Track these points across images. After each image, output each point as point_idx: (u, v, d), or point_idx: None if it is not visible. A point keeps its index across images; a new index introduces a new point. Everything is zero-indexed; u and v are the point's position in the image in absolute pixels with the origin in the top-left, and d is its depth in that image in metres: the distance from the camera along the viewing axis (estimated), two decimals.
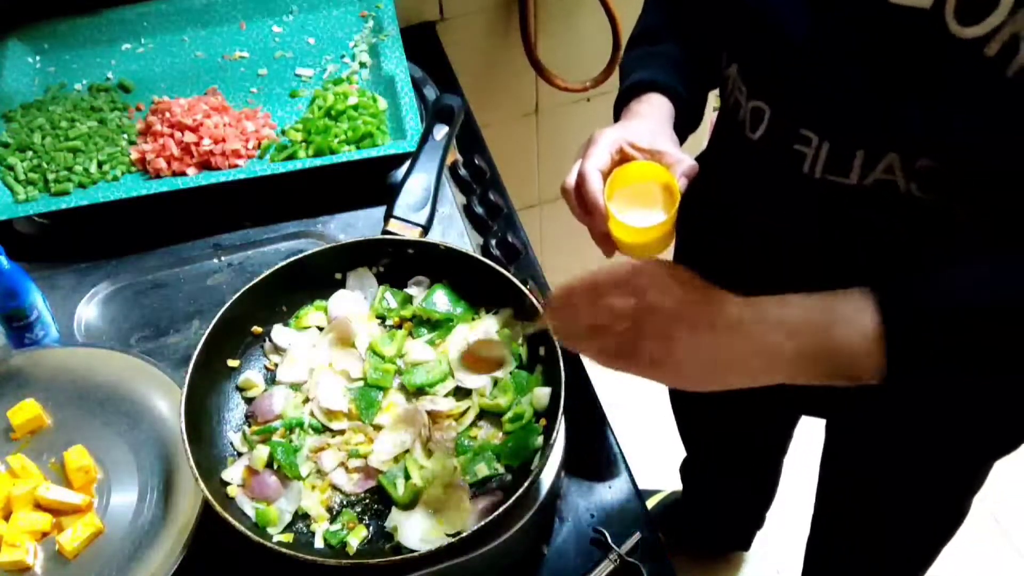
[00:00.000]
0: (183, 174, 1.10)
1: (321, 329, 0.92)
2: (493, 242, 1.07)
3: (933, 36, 0.64)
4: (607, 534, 0.83)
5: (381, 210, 1.08)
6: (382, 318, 0.92)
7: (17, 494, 0.81)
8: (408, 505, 0.79)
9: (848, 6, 0.69)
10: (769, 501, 1.68)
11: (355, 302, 0.93)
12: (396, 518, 0.78)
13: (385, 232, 0.95)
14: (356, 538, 0.78)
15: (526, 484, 0.74)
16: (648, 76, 0.93)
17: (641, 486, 0.89)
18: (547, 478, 0.80)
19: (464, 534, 0.73)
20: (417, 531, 0.76)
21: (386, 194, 1.10)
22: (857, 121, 0.72)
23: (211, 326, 0.84)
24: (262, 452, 0.81)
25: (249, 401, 0.88)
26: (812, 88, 0.74)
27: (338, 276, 0.94)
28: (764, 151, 0.80)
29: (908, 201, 0.72)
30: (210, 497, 0.74)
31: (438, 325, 0.90)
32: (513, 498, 0.73)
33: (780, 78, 0.77)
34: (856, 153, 0.72)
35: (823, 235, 0.82)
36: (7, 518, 0.82)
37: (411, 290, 0.94)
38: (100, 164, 1.12)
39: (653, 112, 0.90)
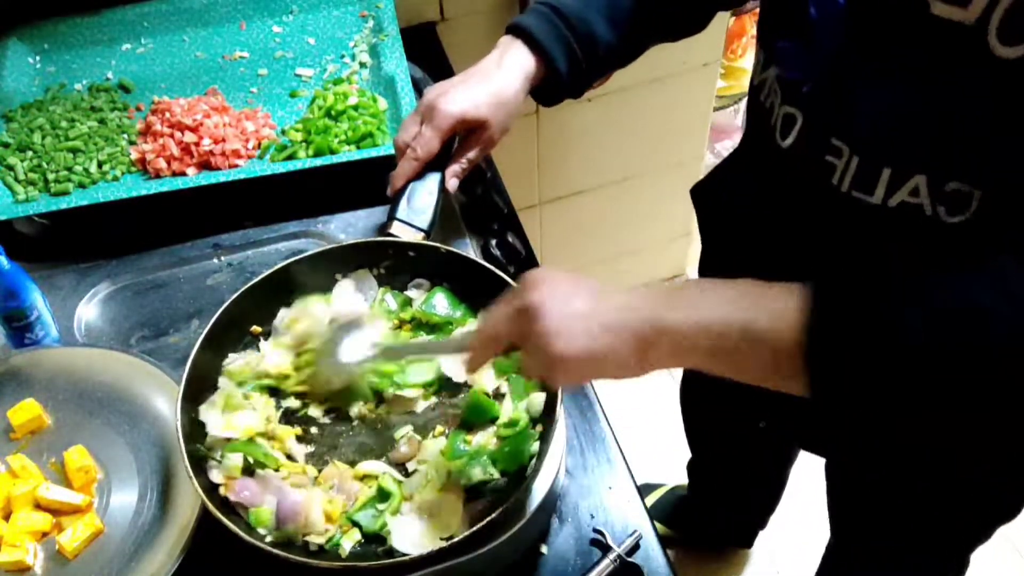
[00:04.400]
0: (183, 174, 1.10)
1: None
2: (493, 243, 1.07)
3: (973, 54, 0.60)
4: (607, 534, 0.83)
5: (381, 210, 1.09)
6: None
7: (17, 494, 0.81)
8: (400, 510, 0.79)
9: (888, 16, 0.66)
10: (774, 504, 1.68)
11: (357, 303, 0.93)
12: (388, 522, 0.78)
13: (387, 234, 0.95)
14: (349, 541, 0.77)
15: (517, 493, 0.74)
16: (539, 32, 0.91)
17: (644, 481, 0.89)
18: (546, 479, 0.79)
19: (455, 539, 0.72)
20: (410, 535, 0.76)
21: (384, 193, 1.10)
22: (886, 136, 0.69)
23: (209, 325, 0.84)
24: (234, 460, 0.80)
25: None
26: (845, 98, 0.71)
27: (338, 277, 0.94)
28: (793, 160, 0.79)
29: (933, 226, 0.69)
30: (204, 498, 0.74)
31: (437, 328, 0.90)
32: (503, 507, 0.73)
33: (814, 85, 0.74)
34: (883, 170, 0.70)
35: (842, 253, 0.80)
36: (7, 518, 0.82)
37: (411, 292, 0.94)
38: (100, 164, 1.12)
39: (507, 77, 0.92)
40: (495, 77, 0.91)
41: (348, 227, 1.08)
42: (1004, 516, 1.00)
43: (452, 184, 0.95)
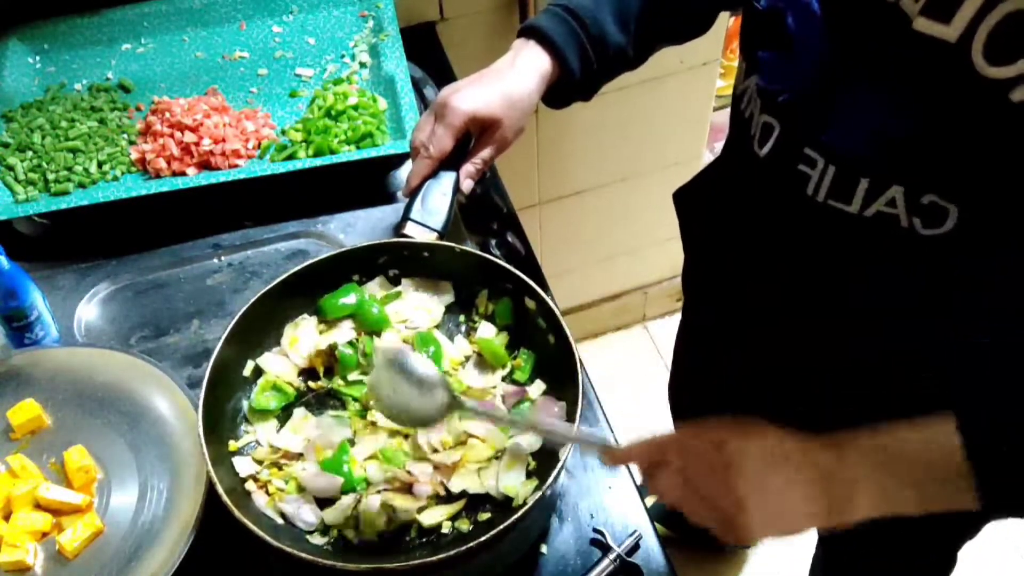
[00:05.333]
0: (183, 174, 1.10)
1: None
2: (493, 243, 1.07)
3: (956, 72, 0.60)
4: (607, 534, 0.83)
5: (381, 210, 1.09)
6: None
7: (17, 494, 0.81)
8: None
9: (868, 30, 0.66)
10: None
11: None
12: (496, 473, 0.80)
13: (401, 235, 0.94)
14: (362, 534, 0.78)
15: (558, 465, 0.74)
16: (553, 33, 0.91)
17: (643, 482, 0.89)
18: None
19: (527, 505, 0.73)
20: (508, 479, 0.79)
21: (386, 193, 1.10)
22: (864, 148, 0.70)
23: (228, 329, 0.83)
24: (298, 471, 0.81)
25: None
26: (822, 109, 0.72)
27: (355, 278, 0.93)
28: (769, 169, 0.79)
29: (908, 237, 0.70)
30: (228, 502, 0.73)
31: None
32: (558, 467, 0.74)
33: (791, 95, 0.75)
34: (860, 181, 0.71)
35: (819, 261, 0.81)
36: (7, 518, 0.82)
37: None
38: (100, 164, 1.12)
39: (521, 77, 0.91)
40: (509, 77, 0.91)
41: (348, 227, 1.08)
42: (990, 514, 1.00)
43: (467, 185, 0.95)
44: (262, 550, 0.72)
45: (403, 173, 1.12)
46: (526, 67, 0.91)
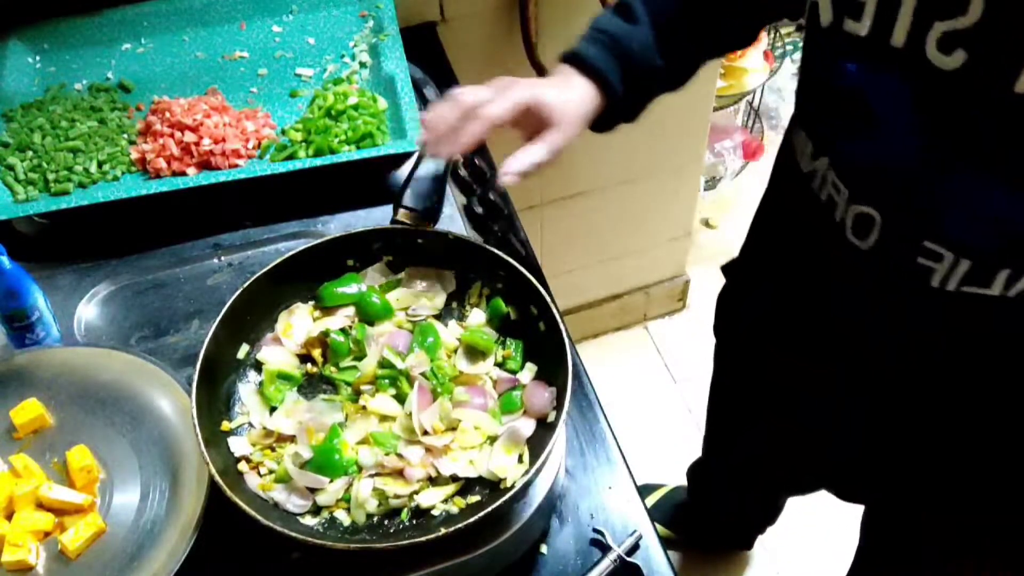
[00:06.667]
0: (183, 174, 1.10)
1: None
2: (494, 243, 1.07)
3: None
4: (607, 534, 0.83)
5: (381, 210, 1.09)
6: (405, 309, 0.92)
7: (19, 494, 0.82)
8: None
9: (980, 113, 0.60)
10: (777, 513, 1.67)
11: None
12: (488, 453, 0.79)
13: (395, 222, 0.95)
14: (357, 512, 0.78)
15: (548, 445, 0.74)
16: (596, 60, 0.88)
17: (644, 481, 0.89)
18: (546, 479, 0.80)
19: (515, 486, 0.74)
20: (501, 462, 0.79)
21: (386, 193, 1.10)
22: (996, 240, 0.64)
23: (224, 310, 0.83)
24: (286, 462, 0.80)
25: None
26: (934, 200, 0.65)
27: (349, 263, 0.93)
28: (875, 260, 0.73)
29: None
30: (221, 482, 0.73)
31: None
32: (547, 449, 0.74)
33: (890, 186, 0.68)
34: (1000, 272, 0.65)
35: (951, 349, 0.75)
36: (9, 518, 0.82)
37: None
38: (100, 164, 1.12)
39: (575, 94, 0.87)
40: (564, 88, 0.88)
41: (348, 227, 1.08)
42: None
43: (510, 179, 0.85)
44: (259, 538, 0.72)
45: (403, 173, 1.12)
46: (578, 87, 0.88)
